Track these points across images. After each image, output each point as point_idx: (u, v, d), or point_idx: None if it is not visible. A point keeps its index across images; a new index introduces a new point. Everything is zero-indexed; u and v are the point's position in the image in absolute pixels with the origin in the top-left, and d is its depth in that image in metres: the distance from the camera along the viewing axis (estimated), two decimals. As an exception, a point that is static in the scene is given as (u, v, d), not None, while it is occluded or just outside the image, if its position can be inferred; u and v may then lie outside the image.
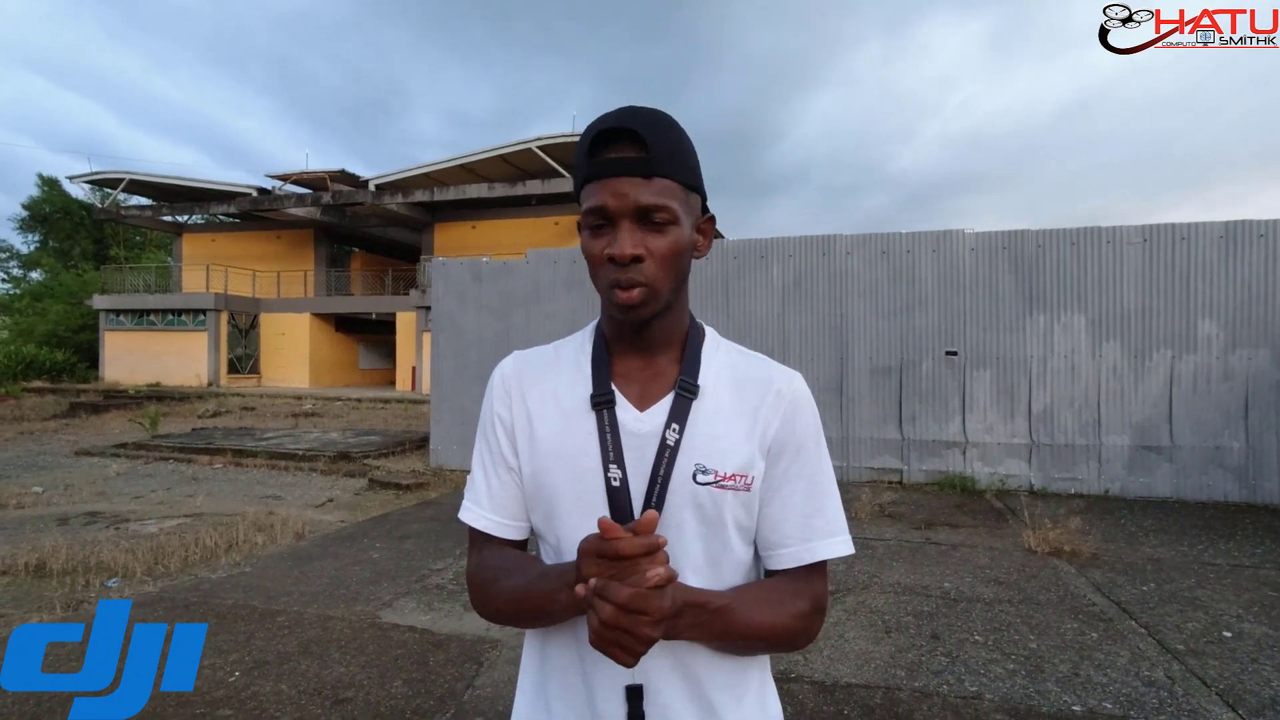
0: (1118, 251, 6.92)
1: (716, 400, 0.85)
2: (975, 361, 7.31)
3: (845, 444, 7.61)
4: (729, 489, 0.82)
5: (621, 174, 0.77)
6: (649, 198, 0.77)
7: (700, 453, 0.82)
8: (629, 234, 0.78)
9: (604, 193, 0.78)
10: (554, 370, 0.90)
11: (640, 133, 0.77)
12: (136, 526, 5.88)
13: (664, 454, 0.81)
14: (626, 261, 0.77)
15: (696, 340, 0.89)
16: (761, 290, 7.89)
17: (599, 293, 0.83)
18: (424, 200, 21.91)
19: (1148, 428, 6.85)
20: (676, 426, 0.82)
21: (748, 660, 0.86)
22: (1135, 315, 6.89)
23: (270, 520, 5.76)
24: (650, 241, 0.78)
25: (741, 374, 0.88)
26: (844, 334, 7.65)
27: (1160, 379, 6.84)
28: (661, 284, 0.80)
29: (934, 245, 7.42)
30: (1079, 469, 7.00)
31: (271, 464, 9.27)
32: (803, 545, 0.84)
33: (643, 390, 0.86)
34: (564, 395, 0.87)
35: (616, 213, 0.78)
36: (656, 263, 0.79)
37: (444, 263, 8.81)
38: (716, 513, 0.82)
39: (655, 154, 0.77)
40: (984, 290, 7.28)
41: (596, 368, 0.87)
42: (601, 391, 0.85)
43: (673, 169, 0.79)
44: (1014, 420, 7.19)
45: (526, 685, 0.90)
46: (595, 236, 0.80)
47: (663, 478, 0.80)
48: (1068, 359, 7.06)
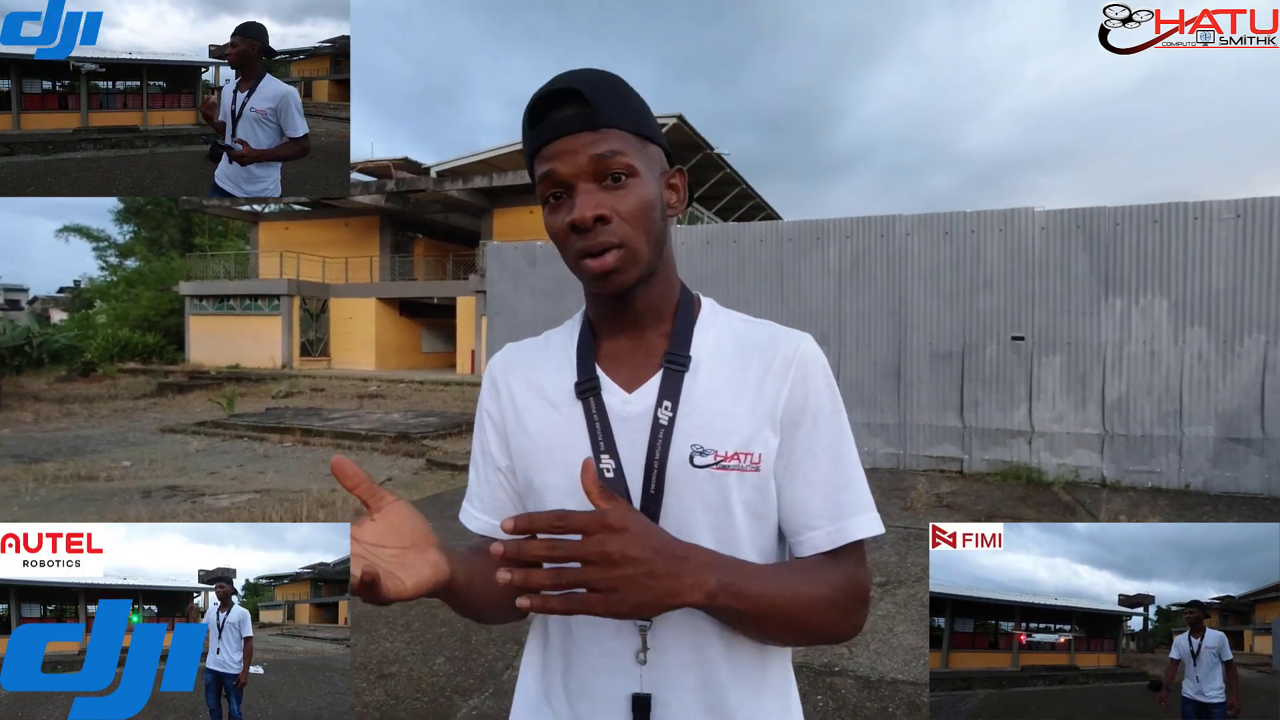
0: (1206, 229, 6.42)
1: (714, 372, 0.77)
2: (1044, 347, 6.95)
3: (902, 431, 7.39)
4: (733, 469, 0.74)
5: (566, 133, 0.71)
6: (600, 148, 0.71)
7: (697, 432, 0.74)
8: (587, 195, 0.71)
9: (552, 156, 0.72)
10: (542, 360, 0.84)
11: (579, 89, 0.71)
12: (210, 500, 6.24)
13: (658, 435, 0.74)
14: (589, 225, 0.71)
15: (689, 310, 0.82)
16: (817, 273, 7.69)
17: (573, 272, 0.76)
18: (483, 186, 22.27)
19: (1236, 418, 6.38)
20: (669, 404, 0.75)
21: (768, 666, 0.78)
22: (1224, 298, 6.39)
23: (333, 497, 6.01)
24: (613, 201, 0.72)
25: (743, 341, 0.79)
26: (903, 318, 7.39)
27: (1252, 366, 6.34)
28: (636, 243, 0.73)
29: (1001, 225, 7.06)
30: (1157, 461, 6.59)
31: (337, 443, 9.67)
32: (834, 525, 0.75)
33: (632, 371, 0.79)
34: (550, 386, 0.81)
35: (570, 176, 0.72)
36: (625, 220, 0.72)
37: (499, 246, 8.94)
38: (721, 497, 0.74)
39: (598, 105, 0.71)
40: (1055, 272, 6.89)
41: (581, 353, 0.81)
42: (586, 378, 0.79)
43: (620, 118, 0.73)
44: (1085, 409, 6.82)
45: (523, 695, 0.85)
46: (554, 210, 0.74)
47: (659, 462, 0.73)
48: (1147, 345, 6.63)
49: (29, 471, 7.50)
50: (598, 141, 0.71)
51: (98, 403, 15.19)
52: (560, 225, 0.73)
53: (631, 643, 0.74)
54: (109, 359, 22.44)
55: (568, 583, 0.60)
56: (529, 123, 0.74)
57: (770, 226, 8.05)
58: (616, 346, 0.81)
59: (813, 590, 0.71)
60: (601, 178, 0.72)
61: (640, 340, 0.80)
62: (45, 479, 7.21)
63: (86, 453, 9.06)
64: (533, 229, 22.50)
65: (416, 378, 20.25)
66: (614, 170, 0.72)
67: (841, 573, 0.74)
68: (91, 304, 30.62)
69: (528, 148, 0.76)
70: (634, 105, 0.75)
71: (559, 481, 0.77)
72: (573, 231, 0.72)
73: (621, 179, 0.72)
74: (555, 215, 0.74)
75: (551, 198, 0.74)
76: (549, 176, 0.72)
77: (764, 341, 0.79)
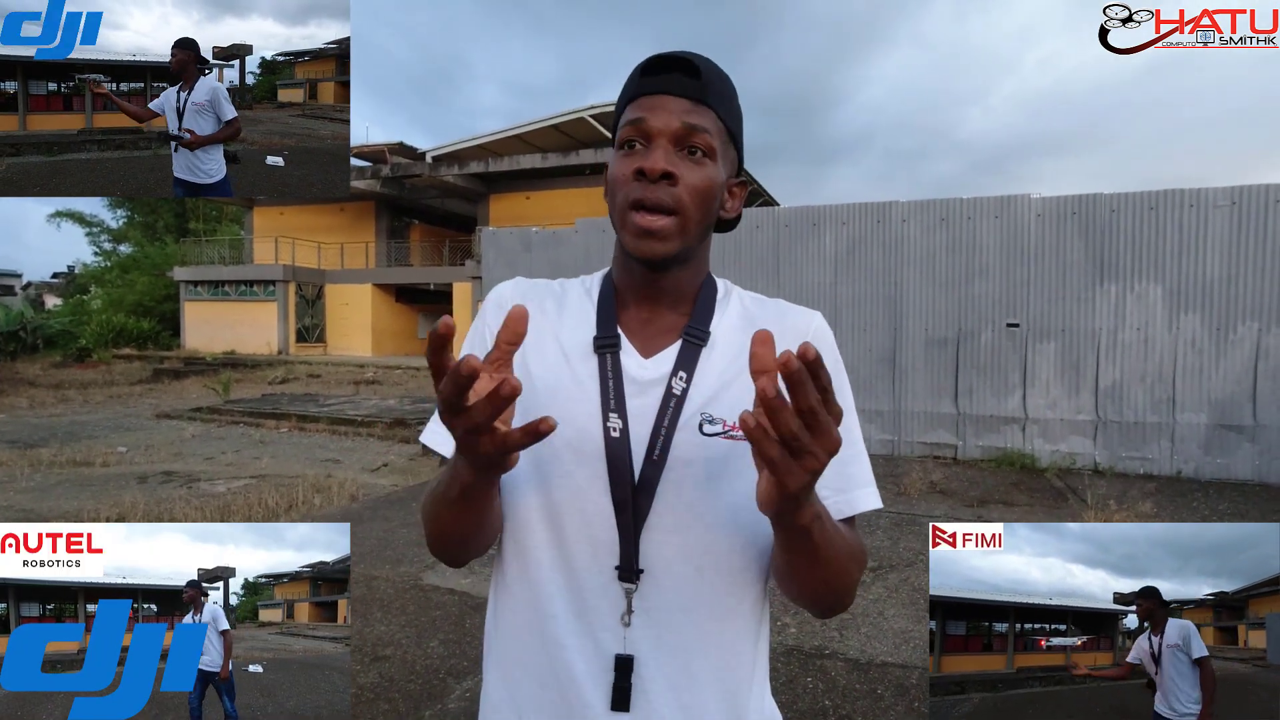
0: (1201, 216, 6.42)
1: (727, 348, 0.78)
2: (1038, 333, 6.97)
3: (897, 417, 7.42)
4: (740, 439, 0.73)
5: (670, 92, 0.73)
6: (694, 119, 0.72)
7: (708, 403, 0.75)
8: (665, 151, 0.72)
9: (647, 108, 0.73)
10: (558, 305, 0.82)
11: (697, 64, 0.74)
12: (206, 486, 6.26)
13: (669, 403, 0.74)
14: (656, 177, 0.71)
15: (711, 293, 0.82)
16: (813, 259, 7.69)
17: (615, 225, 0.76)
18: (479, 171, 22.12)
19: (1228, 405, 6.42)
20: (684, 375, 0.75)
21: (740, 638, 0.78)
22: (1219, 285, 6.41)
23: (328, 483, 6.04)
24: (685, 169, 0.72)
25: (755, 318, 0.81)
26: (898, 304, 7.40)
27: (1245, 354, 6.38)
28: (690, 216, 0.73)
29: (997, 211, 7.05)
30: (1150, 448, 6.65)
31: (332, 429, 9.68)
32: (840, 495, 0.75)
33: (650, 339, 0.79)
34: (566, 334, 0.79)
35: (657, 130, 0.72)
36: (688, 191, 0.72)
37: (494, 232, 8.91)
38: (725, 465, 0.73)
39: (709, 84, 0.73)
40: (1050, 258, 6.89)
41: (603, 310, 0.80)
42: (607, 334, 0.78)
43: (722, 107, 0.75)
44: (1079, 395, 6.86)
45: (491, 661, 0.81)
46: (626, 156, 0.74)
47: (667, 428, 0.73)
48: (1140, 331, 6.66)
49: (25, 457, 7.50)
50: (694, 112, 0.73)
51: (93, 388, 15.15)
52: (627, 169, 0.73)
53: (617, 604, 0.74)
54: (104, 345, 22.36)
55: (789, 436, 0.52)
56: (642, 70, 0.75)
57: (767, 213, 8.03)
58: (637, 315, 0.80)
59: (850, 544, 0.72)
60: (683, 145, 0.73)
61: (661, 315, 0.80)
62: (41, 464, 7.22)
63: (82, 438, 9.05)
64: (530, 215, 22.38)
65: (412, 364, 20.21)
66: (696, 144, 0.73)
67: (855, 538, 0.76)
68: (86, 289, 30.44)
69: (626, 93, 0.76)
70: (736, 104, 0.78)
71: (561, 431, 0.68)
72: (636, 177, 0.72)
73: (698, 154, 0.73)
74: (627, 160, 0.74)
75: (628, 145, 0.74)
76: (637, 124, 0.73)
77: (774, 317, 0.81)
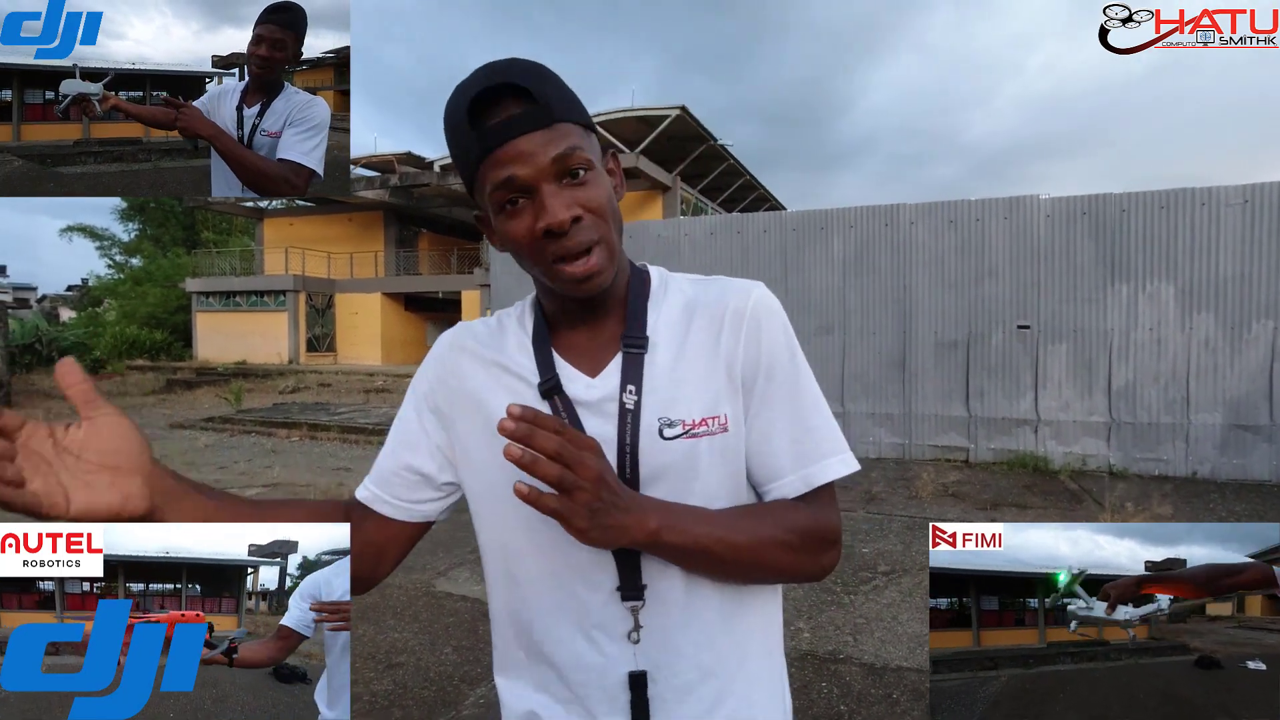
0: (1214, 214, 6.36)
1: (670, 346, 0.76)
2: (1050, 335, 6.91)
3: (908, 420, 7.37)
4: (702, 435, 0.74)
5: (521, 133, 0.67)
6: (558, 145, 0.68)
7: (663, 407, 0.74)
8: (555, 197, 0.68)
9: (507, 161, 0.68)
10: (499, 346, 0.82)
11: (521, 84, 0.68)
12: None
13: (626, 419, 0.73)
14: (567, 227, 0.68)
15: (640, 288, 0.80)
16: (821, 263, 7.66)
17: (539, 277, 0.74)
18: (486, 179, 22.20)
19: (1244, 405, 6.34)
20: (633, 388, 0.74)
21: (750, 636, 0.78)
22: (1233, 284, 6.34)
23: (340, 492, 6.05)
24: (580, 199, 0.69)
25: (694, 304, 0.79)
26: (907, 307, 7.36)
27: (1260, 353, 6.30)
28: (610, 237, 0.72)
29: (1006, 213, 7.01)
30: (1164, 449, 6.56)
31: (343, 438, 9.71)
32: (796, 474, 0.75)
33: (593, 356, 0.78)
34: (511, 377, 0.79)
35: (532, 179, 0.68)
36: (596, 214, 0.70)
37: (501, 242, 8.95)
38: (692, 464, 0.73)
39: (547, 101, 0.68)
40: (1060, 259, 6.84)
41: (538, 348, 0.79)
42: (546, 376, 0.76)
43: (567, 111, 0.70)
44: (1092, 397, 6.79)
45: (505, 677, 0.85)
46: (514, 216, 0.70)
47: (630, 445, 0.73)
48: (1153, 332, 6.59)
49: (40, 469, 7.56)
50: (555, 139, 0.68)
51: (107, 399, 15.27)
52: (527, 231, 0.70)
53: (623, 623, 0.74)
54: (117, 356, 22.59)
55: (553, 481, 0.61)
56: (469, 115, 0.69)
57: (774, 217, 8.02)
58: (575, 336, 0.79)
59: (765, 531, 0.72)
60: (562, 177, 0.69)
61: (598, 329, 0.78)
62: (56, 476, 7.26)
63: (96, 450, 9.12)
64: (536, 222, 22.41)
65: (422, 372, 20.25)
66: (574, 167, 0.69)
67: (805, 515, 0.74)
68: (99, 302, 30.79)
69: (471, 150, 0.70)
70: (571, 95, 0.73)
71: None
72: (546, 236, 0.69)
73: (580, 174, 0.70)
74: (517, 221, 0.70)
75: (508, 204, 0.70)
76: (508, 183, 0.68)
77: (714, 299, 0.78)
